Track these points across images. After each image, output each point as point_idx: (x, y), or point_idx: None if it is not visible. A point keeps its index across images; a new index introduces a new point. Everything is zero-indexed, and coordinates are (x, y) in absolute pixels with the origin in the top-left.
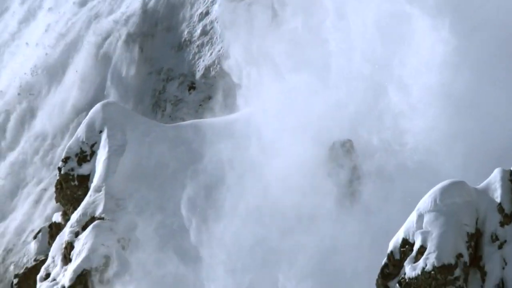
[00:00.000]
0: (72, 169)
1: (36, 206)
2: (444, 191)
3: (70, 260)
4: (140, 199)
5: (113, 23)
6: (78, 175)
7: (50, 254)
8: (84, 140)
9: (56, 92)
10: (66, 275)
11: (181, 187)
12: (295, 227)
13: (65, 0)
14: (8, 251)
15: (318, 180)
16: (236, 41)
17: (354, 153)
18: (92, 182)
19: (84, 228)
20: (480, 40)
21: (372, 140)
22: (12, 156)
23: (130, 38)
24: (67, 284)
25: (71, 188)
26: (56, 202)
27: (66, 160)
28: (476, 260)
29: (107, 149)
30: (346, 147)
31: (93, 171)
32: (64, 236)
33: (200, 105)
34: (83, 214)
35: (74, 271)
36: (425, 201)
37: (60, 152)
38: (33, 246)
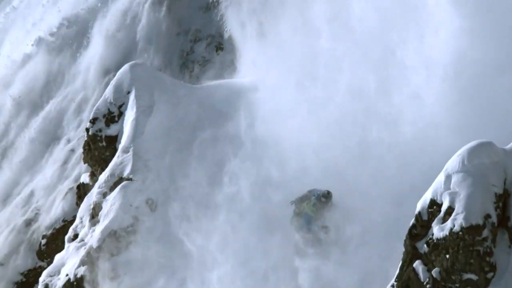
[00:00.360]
0: (100, 130)
1: (64, 167)
2: (472, 151)
3: (98, 221)
4: (168, 160)
5: None
6: (106, 136)
7: (78, 215)
8: (112, 101)
9: (84, 54)
10: (94, 236)
11: (207, 150)
12: None
13: None
14: (36, 211)
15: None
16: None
17: None
18: (120, 143)
19: (112, 189)
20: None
21: None
22: (40, 116)
23: None
24: (95, 244)
25: (99, 149)
26: (84, 163)
27: (93, 121)
28: (504, 221)
29: (135, 110)
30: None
31: (121, 132)
32: (92, 197)
33: (228, 66)
34: (111, 175)
35: (102, 231)
36: (453, 162)
37: (88, 113)
38: (61, 206)
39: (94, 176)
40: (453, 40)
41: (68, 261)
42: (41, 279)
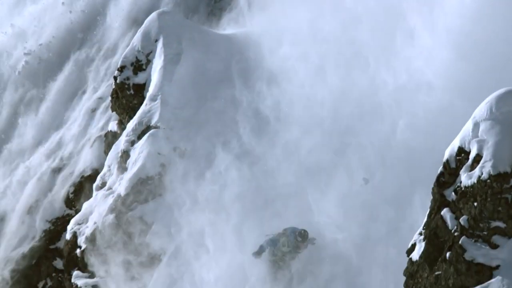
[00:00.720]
0: (128, 78)
1: (91, 115)
2: (500, 99)
3: (126, 169)
4: (196, 108)
5: None
6: (133, 84)
7: (106, 163)
8: (139, 49)
9: (112, 2)
10: (122, 184)
11: (234, 98)
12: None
13: None
14: (64, 160)
15: None
16: None
17: None
18: (147, 91)
19: (139, 137)
20: None
21: None
22: (68, 65)
23: None
24: (123, 192)
25: (126, 97)
26: (112, 111)
27: (121, 69)
28: None
29: (162, 58)
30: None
31: (148, 80)
32: (120, 145)
33: (255, 13)
34: (139, 123)
35: (130, 179)
36: (481, 110)
37: (116, 61)
38: (89, 155)
39: (122, 124)
40: (461, 6)
41: (96, 209)
42: (69, 227)
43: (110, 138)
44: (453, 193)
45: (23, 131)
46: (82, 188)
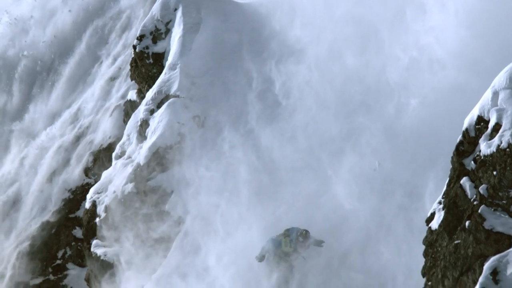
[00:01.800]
0: (147, 47)
1: (111, 84)
2: None
3: (145, 138)
4: (214, 77)
5: None
6: (153, 53)
7: (125, 131)
8: (159, 18)
9: None
10: (141, 153)
11: (252, 68)
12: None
13: None
14: (84, 128)
15: None
16: None
17: None
18: (167, 60)
19: (159, 106)
20: None
21: None
22: (87, 34)
23: None
24: (142, 161)
25: (146, 66)
26: (131, 80)
27: (140, 38)
28: None
29: (182, 26)
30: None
31: (168, 49)
32: (139, 114)
33: None
34: (158, 92)
35: (149, 148)
36: (500, 79)
37: (135, 30)
38: (108, 124)
39: (141, 93)
40: None
41: (116, 178)
42: (88, 196)
43: (129, 107)
44: (472, 162)
45: (42, 101)
46: (101, 157)
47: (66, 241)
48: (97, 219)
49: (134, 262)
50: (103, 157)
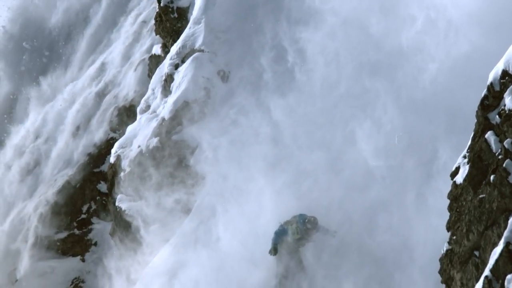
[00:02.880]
0: (172, 1)
1: (135, 38)
2: None
3: (170, 92)
4: (239, 33)
5: None
6: (177, 8)
7: (150, 86)
8: None
9: None
10: (166, 107)
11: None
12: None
13: None
14: (108, 83)
15: None
16: None
17: None
18: (191, 14)
19: (183, 60)
20: None
21: None
22: None
23: None
24: (167, 116)
25: (170, 21)
26: (156, 35)
27: None
28: None
29: None
30: None
31: (192, 3)
32: (163, 68)
33: None
34: (183, 46)
35: (174, 103)
36: None
37: None
38: (133, 78)
39: (165, 48)
40: None
41: (140, 132)
42: (113, 150)
43: (154, 62)
44: (497, 116)
45: (67, 56)
46: (126, 111)
47: (91, 195)
48: (122, 174)
49: (157, 217)
50: (127, 111)
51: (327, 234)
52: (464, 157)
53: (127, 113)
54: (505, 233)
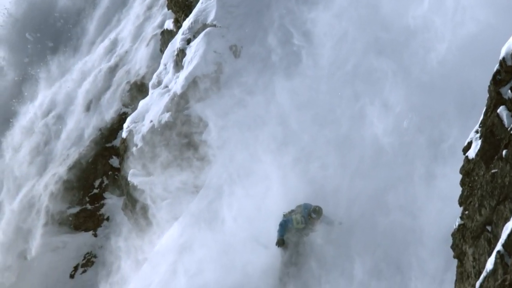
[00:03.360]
0: None
1: (147, 13)
2: None
3: (182, 67)
4: (250, 8)
5: None
6: None
7: (162, 61)
8: None
9: None
10: (178, 82)
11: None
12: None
13: None
14: (121, 58)
15: None
16: None
17: None
18: None
19: (195, 35)
20: None
21: None
22: None
23: None
24: (179, 91)
25: None
26: (168, 9)
27: None
28: None
29: None
30: None
31: None
32: (175, 43)
33: None
34: (195, 21)
35: (186, 78)
36: None
37: None
38: (144, 53)
39: (177, 23)
40: None
41: (152, 107)
42: (125, 125)
43: (166, 37)
44: (509, 91)
45: (79, 31)
46: (138, 86)
47: (103, 170)
48: (134, 149)
49: (168, 194)
50: (139, 87)
51: (332, 225)
52: (476, 132)
53: (139, 89)
54: None
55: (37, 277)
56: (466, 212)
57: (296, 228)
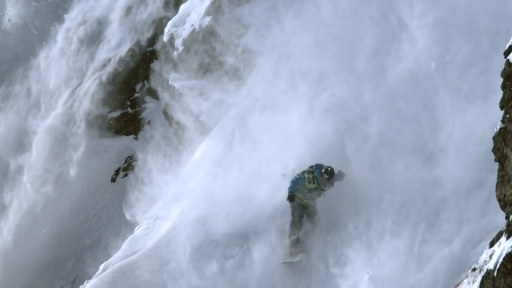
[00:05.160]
0: None
1: None
2: None
3: None
4: None
5: None
6: None
7: None
8: None
9: None
10: None
11: None
12: None
13: None
14: None
15: None
16: None
17: None
18: None
19: None
20: None
21: None
22: None
23: None
24: None
25: None
26: None
27: None
28: None
29: None
30: None
31: None
32: None
33: None
34: None
35: None
36: None
37: None
38: None
39: None
40: None
41: (193, 11)
42: (166, 29)
43: None
44: None
45: None
46: None
47: (144, 74)
48: (175, 53)
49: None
50: None
51: (342, 179)
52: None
53: None
54: None
55: (79, 181)
56: (507, 115)
57: (308, 188)
